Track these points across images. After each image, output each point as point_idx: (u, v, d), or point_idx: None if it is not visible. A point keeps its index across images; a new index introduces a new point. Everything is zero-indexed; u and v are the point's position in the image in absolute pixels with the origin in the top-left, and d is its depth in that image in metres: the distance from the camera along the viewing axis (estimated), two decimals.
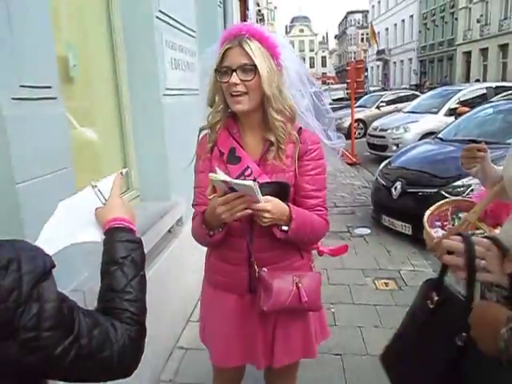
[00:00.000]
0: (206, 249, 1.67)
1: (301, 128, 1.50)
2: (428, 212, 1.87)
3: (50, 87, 1.55)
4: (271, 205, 1.31)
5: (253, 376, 1.85)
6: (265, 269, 1.46)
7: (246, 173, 1.44)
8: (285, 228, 1.38)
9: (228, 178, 1.24)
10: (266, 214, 1.30)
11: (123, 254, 0.96)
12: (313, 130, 1.57)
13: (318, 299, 1.52)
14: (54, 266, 0.77)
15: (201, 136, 1.58)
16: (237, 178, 1.39)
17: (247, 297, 1.54)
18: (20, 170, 1.40)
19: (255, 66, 1.35)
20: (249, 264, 1.49)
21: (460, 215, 1.87)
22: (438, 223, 1.85)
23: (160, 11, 2.82)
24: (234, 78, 1.36)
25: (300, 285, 1.45)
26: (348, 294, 3.56)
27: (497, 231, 1.67)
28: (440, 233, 1.78)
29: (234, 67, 1.37)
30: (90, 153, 2.53)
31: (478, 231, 1.71)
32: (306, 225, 1.42)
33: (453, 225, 1.85)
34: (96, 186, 1.12)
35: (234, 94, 1.38)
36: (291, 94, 1.49)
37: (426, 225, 1.81)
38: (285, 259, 1.53)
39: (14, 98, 1.37)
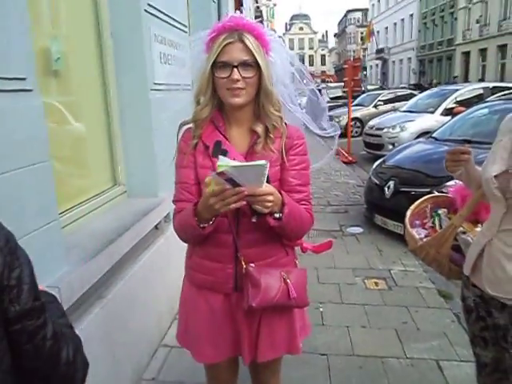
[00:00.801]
0: None
1: (285, 123, 1.50)
2: (409, 212, 1.84)
3: (24, 79, 1.51)
4: (272, 188, 1.30)
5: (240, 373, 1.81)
6: (252, 264, 1.44)
7: None
8: (277, 215, 1.35)
9: (237, 163, 1.21)
10: (270, 197, 1.28)
11: None
12: (302, 124, 1.58)
13: (306, 295, 1.52)
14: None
15: (183, 130, 1.55)
16: None
17: (233, 295, 1.51)
18: None
19: (256, 62, 1.35)
20: (235, 261, 1.47)
21: (439, 212, 1.84)
22: (418, 222, 1.82)
23: (148, 4, 2.77)
24: (236, 75, 1.34)
25: (288, 280, 1.44)
26: (337, 294, 3.53)
27: (478, 229, 1.65)
28: (422, 233, 1.74)
29: (236, 63, 1.34)
30: (76, 147, 2.49)
31: (458, 229, 1.69)
32: (296, 213, 1.41)
33: (433, 222, 1.82)
34: None
35: (233, 89, 1.36)
36: (277, 90, 1.49)
37: (408, 225, 1.78)
38: (271, 255, 1.51)
39: None
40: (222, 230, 1.44)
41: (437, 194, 1.97)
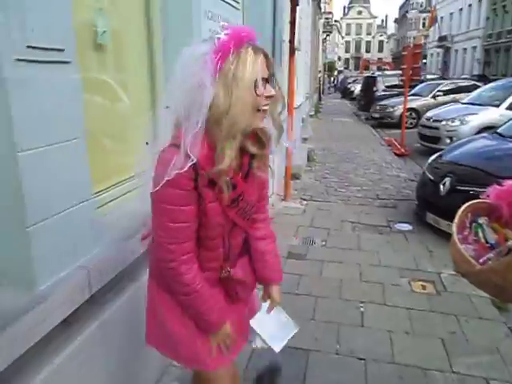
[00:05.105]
0: None
1: None
2: (455, 227, 1.50)
3: (62, 50, 1.43)
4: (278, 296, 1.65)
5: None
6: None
7: (240, 198, 1.36)
8: None
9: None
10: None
11: None
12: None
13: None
14: None
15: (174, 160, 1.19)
16: (232, 201, 1.32)
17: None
18: (23, 137, 1.31)
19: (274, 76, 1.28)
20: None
21: (480, 221, 1.53)
22: (460, 236, 1.51)
23: None
24: (274, 90, 1.24)
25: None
26: (380, 294, 3.33)
27: None
28: (469, 250, 1.45)
29: (266, 76, 1.23)
30: (118, 125, 2.44)
31: (509, 242, 1.43)
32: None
33: (475, 235, 1.53)
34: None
35: (265, 109, 1.24)
36: None
37: (458, 244, 1.44)
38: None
39: (18, 59, 1.27)
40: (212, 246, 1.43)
41: (476, 200, 1.63)
